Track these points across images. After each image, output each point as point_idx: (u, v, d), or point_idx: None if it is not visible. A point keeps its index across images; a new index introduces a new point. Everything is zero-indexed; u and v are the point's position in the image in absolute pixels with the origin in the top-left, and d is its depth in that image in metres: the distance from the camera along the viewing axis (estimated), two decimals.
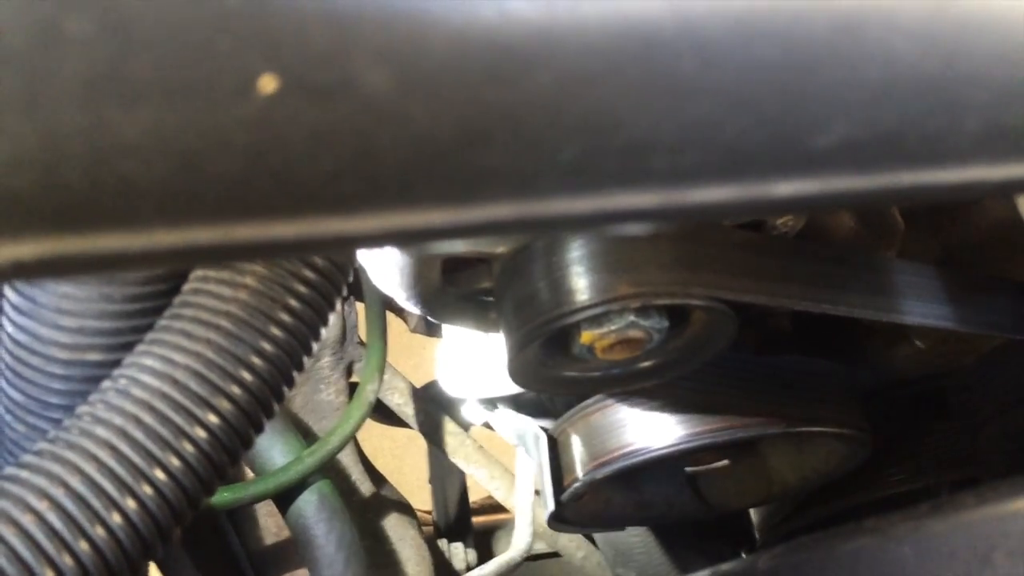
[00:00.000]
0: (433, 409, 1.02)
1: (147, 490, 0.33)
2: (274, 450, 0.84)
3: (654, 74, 0.18)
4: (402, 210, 0.18)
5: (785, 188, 0.20)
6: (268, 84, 0.16)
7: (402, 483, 1.11)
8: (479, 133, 0.17)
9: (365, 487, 0.99)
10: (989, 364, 0.73)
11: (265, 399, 0.37)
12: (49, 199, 0.16)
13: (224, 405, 0.36)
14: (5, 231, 0.16)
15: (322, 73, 0.16)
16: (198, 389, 0.35)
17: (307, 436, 0.90)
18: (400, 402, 1.04)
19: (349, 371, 1.00)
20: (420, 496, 1.16)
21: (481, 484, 1.01)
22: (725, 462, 0.79)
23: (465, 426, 1.03)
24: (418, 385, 1.04)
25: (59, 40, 0.15)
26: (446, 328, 0.78)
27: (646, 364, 0.55)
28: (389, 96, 0.17)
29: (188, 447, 0.35)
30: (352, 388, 0.97)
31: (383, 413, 1.03)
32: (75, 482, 0.33)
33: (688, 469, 0.79)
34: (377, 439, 1.23)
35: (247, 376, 0.36)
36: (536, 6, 0.17)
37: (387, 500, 0.98)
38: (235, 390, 0.36)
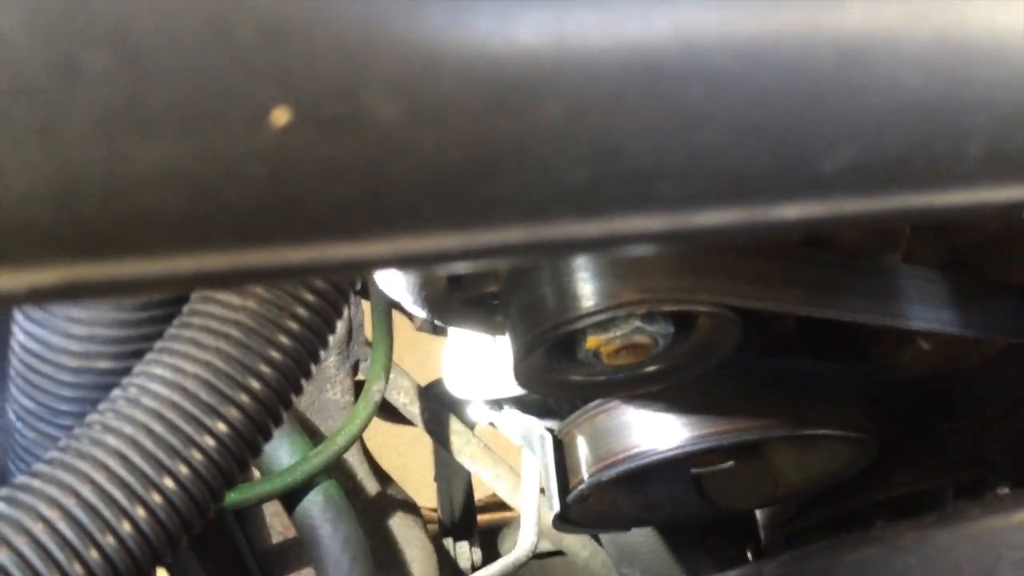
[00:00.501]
0: (438, 408, 1.03)
1: (157, 499, 0.34)
2: (280, 450, 0.84)
3: (661, 102, 0.18)
4: (413, 235, 0.19)
5: (792, 211, 0.20)
6: (281, 116, 0.16)
7: (407, 480, 1.11)
8: (488, 162, 0.18)
9: (371, 486, 1.00)
10: (994, 366, 0.73)
11: (273, 407, 0.38)
12: (66, 228, 0.16)
13: (233, 413, 0.36)
14: (23, 258, 0.17)
15: (334, 105, 0.16)
16: (207, 398, 0.36)
17: (313, 435, 0.90)
18: (405, 401, 1.05)
19: (355, 370, 1.01)
20: (425, 493, 1.16)
21: (486, 483, 1.02)
22: (730, 463, 0.79)
23: (470, 425, 1.03)
24: (423, 382, 1.04)
25: (77, 75, 0.15)
26: (451, 328, 0.78)
27: (651, 369, 0.56)
28: (400, 127, 0.17)
29: (197, 455, 0.35)
30: (358, 387, 0.97)
31: (388, 411, 1.03)
32: (86, 491, 0.33)
33: (693, 470, 0.79)
34: (381, 436, 1.23)
35: (255, 385, 0.37)
36: (544, 37, 0.17)
37: (393, 500, 0.98)
38: (243, 398, 0.36)
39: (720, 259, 0.50)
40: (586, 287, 0.48)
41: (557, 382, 0.57)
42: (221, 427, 0.35)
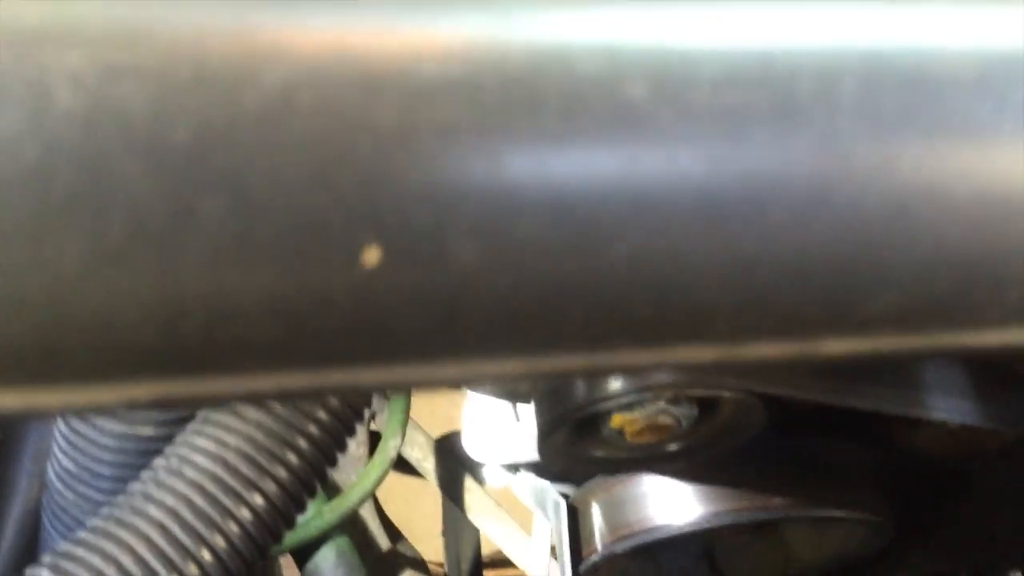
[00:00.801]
0: (451, 463, 1.03)
1: (194, 570, 0.35)
2: None
3: (719, 248, 0.19)
4: (481, 361, 0.20)
5: (836, 347, 0.21)
6: (372, 256, 0.17)
7: (413, 530, 1.11)
8: (556, 298, 0.19)
9: (382, 541, 1.00)
10: (1013, 450, 0.74)
11: (309, 480, 0.39)
12: (167, 351, 0.18)
13: (270, 487, 0.37)
14: (124, 376, 0.18)
15: (420, 247, 0.18)
16: (247, 471, 0.37)
17: (326, 486, 0.91)
18: (419, 456, 1.05)
19: (370, 421, 1.01)
20: (430, 544, 1.16)
21: (495, 542, 1.02)
22: (744, 538, 0.79)
23: (482, 481, 1.03)
24: (435, 433, 1.04)
25: (193, 218, 0.17)
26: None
27: (673, 448, 0.56)
28: (478, 265, 0.18)
29: (235, 528, 0.36)
30: (372, 437, 0.98)
31: (399, 463, 1.04)
32: (127, 562, 0.34)
33: (707, 544, 0.79)
34: (389, 484, 1.23)
35: (293, 459, 0.38)
36: (615, 184, 0.19)
37: (403, 556, 0.98)
38: (281, 473, 0.37)
39: None
40: None
41: (579, 457, 0.58)
42: (259, 501, 0.36)
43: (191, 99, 0.16)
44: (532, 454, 0.70)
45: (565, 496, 0.74)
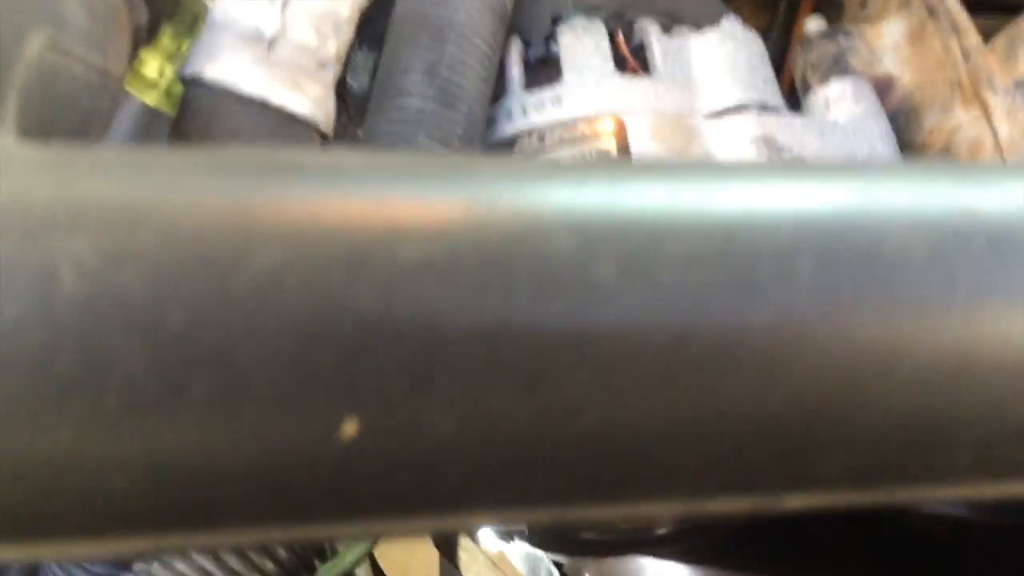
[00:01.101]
0: None
1: None
2: None
3: (682, 415, 0.21)
4: (452, 516, 0.21)
5: (792, 501, 0.22)
6: (350, 428, 0.19)
7: None
8: (526, 464, 0.20)
9: None
10: (1004, 529, 0.74)
11: (296, 572, 0.39)
12: (154, 513, 0.19)
13: None
14: (113, 533, 0.19)
15: (396, 419, 0.19)
16: (236, 567, 0.37)
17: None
18: None
19: None
20: None
21: None
22: None
23: (477, 541, 1.03)
24: None
25: (183, 394, 0.18)
26: None
27: (663, 531, 0.57)
28: (453, 437, 0.19)
29: None
30: None
31: None
32: None
33: None
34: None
35: (282, 552, 0.39)
36: (581, 362, 0.20)
37: None
38: (269, 567, 0.38)
39: None
40: None
41: (569, 539, 0.58)
42: None
43: (186, 283, 0.18)
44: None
45: (558, 565, 0.75)
